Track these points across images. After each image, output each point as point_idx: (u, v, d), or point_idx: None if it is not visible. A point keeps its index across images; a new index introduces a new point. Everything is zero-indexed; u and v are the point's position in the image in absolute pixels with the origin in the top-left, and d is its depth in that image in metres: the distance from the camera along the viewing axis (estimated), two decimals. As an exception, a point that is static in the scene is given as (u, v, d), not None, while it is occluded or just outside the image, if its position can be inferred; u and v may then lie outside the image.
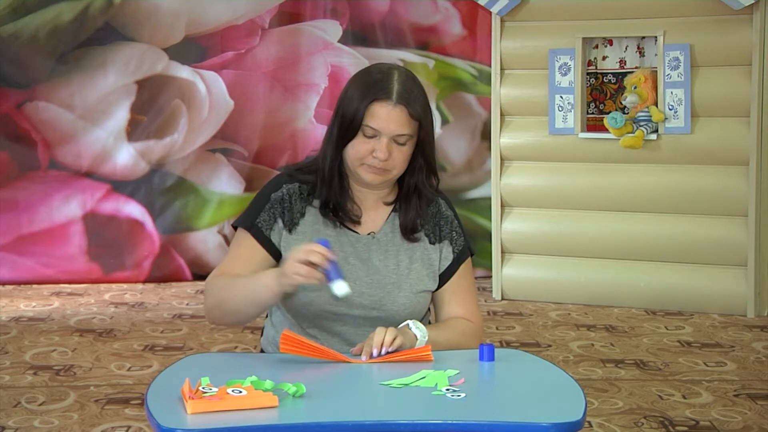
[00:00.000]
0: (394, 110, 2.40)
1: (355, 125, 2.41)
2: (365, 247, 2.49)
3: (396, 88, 2.41)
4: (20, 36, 6.21)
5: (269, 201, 2.49)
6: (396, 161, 2.43)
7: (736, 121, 5.39)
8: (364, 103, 2.40)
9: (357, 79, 2.47)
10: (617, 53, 5.70)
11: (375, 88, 2.41)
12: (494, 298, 5.90)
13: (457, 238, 2.57)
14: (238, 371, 2.10)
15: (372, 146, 2.41)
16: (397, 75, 2.44)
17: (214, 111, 6.36)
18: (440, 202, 2.57)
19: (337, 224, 2.49)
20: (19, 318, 5.47)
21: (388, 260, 2.49)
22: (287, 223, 2.48)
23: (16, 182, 6.29)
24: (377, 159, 2.41)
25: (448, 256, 2.55)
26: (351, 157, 2.44)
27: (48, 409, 3.94)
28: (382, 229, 2.52)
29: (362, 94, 2.41)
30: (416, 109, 2.42)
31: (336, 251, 2.38)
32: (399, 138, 2.41)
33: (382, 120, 2.40)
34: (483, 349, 2.27)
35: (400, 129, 2.40)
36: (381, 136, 2.40)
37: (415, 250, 2.52)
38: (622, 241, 5.65)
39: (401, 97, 2.40)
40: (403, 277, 2.49)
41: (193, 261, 6.44)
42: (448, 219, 2.57)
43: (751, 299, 5.40)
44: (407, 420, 1.92)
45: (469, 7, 6.34)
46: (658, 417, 3.82)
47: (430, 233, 2.55)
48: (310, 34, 6.42)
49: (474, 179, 6.50)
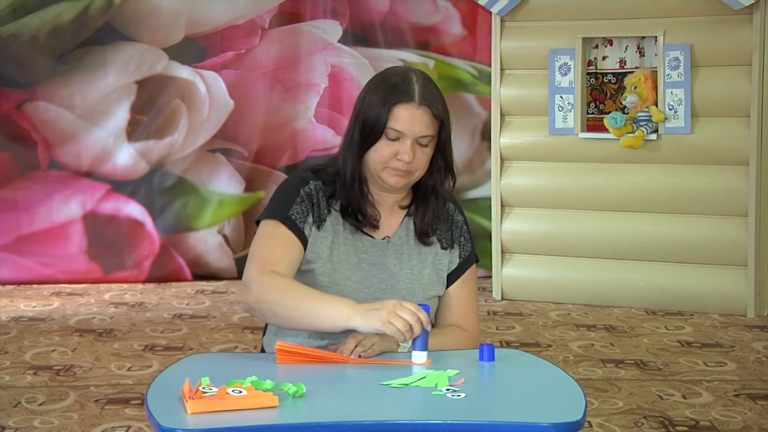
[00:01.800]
0: (418, 111, 2.40)
1: (379, 129, 2.41)
2: (381, 252, 2.49)
3: (417, 89, 2.41)
4: (20, 36, 6.21)
5: (299, 195, 2.47)
6: (419, 163, 2.44)
7: (736, 121, 5.39)
8: (387, 106, 2.40)
9: (375, 84, 2.47)
10: (617, 53, 5.70)
11: (396, 91, 2.41)
12: (494, 298, 5.90)
13: (465, 244, 2.59)
14: (238, 371, 2.10)
15: (395, 149, 2.41)
16: (416, 77, 2.44)
17: (214, 111, 6.36)
18: (451, 207, 2.59)
19: (356, 229, 2.49)
20: (19, 318, 5.47)
21: (403, 264, 2.50)
22: (316, 220, 2.46)
23: (16, 182, 6.29)
24: (402, 161, 2.40)
25: (454, 260, 2.57)
26: (374, 161, 2.44)
27: (48, 409, 3.94)
28: (397, 233, 2.53)
29: (383, 97, 2.41)
30: (438, 109, 2.42)
31: (351, 255, 2.40)
32: (422, 139, 2.42)
33: (406, 122, 2.39)
34: (483, 349, 2.27)
35: (424, 130, 2.41)
36: (405, 138, 2.40)
37: (426, 255, 2.53)
38: (622, 241, 5.65)
39: (423, 98, 2.41)
40: (416, 282, 2.50)
41: (193, 261, 6.44)
42: (458, 224, 2.59)
43: (751, 299, 5.40)
44: (407, 420, 1.92)
45: (469, 7, 6.34)
46: (658, 417, 3.82)
47: (442, 238, 2.56)
48: (310, 34, 6.42)
49: (474, 179, 6.50)
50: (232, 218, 6.45)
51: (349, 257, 2.46)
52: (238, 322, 5.38)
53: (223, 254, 6.46)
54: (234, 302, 5.83)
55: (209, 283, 6.37)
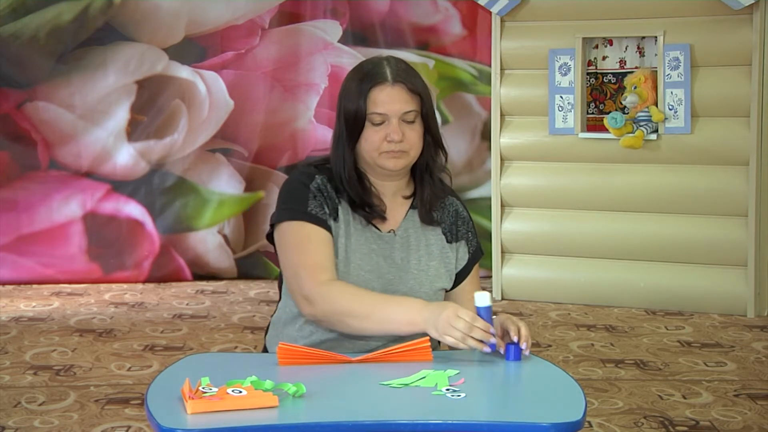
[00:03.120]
0: (394, 90, 2.45)
1: (360, 117, 2.44)
2: (387, 245, 2.51)
3: (389, 70, 2.47)
4: (20, 36, 6.21)
5: (310, 191, 2.47)
6: (411, 140, 2.46)
7: (736, 121, 5.39)
8: (363, 93, 2.44)
9: (350, 76, 2.52)
10: (617, 53, 5.70)
11: (370, 76, 2.46)
12: (494, 298, 5.90)
13: (472, 239, 2.62)
14: (238, 371, 2.10)
15: (384, 132, 2.44)
16: (387, 61, 2.51)
17: (214, 111, 6.36)
18: (457, 203, 2.61)
19: (366, 221, 2.50)
20: (19, 318, 5.47)
21: (410, 256, 2.52)
22: (332, 212, 2.48)
23: (16, 182, 6.29)
24: (393, 142, 2.43)
25: (464, 256, 2.59)
26: (367, 150, 2.46)
27: (48, 409, 3.94)
28: (402, 225, 2.54)
29: (359, 86, 2.46)
30: (414, 84, 2.47)
31: (362, 245, 2.44)
32: (406, 116, 2.45)
33: (385, 103, 2.44)
34: (510, 349, 2.27)
35: (405, 106, 2.44)
36: (389, 119, 2.44)
37: (433, 247, 2.55)
38: (622, 241, 5.65)
39: (397, 76, 2.46)
40: (423, 273, 2.51)
41: (193, 261, 6.44)
42: (465, 220, 2.61)
43: (751, 299, 5.40)
44: (407, 420, 1.91)
45: (469, 7, 6.34)
46: (658, 417, 3.82)
47: (447, 232, 2.58)
48: (310, 34, 6.42)
49: (474, 179, 6.50)
50: (232, 218, 6.45)
51: (361, 247, 2.48)
52: (238, 322, 5.38)
53: (223, 254, 6.46)
54: (234, 302, 5.83)
55: (209, 283, 6.37)
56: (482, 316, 2.26)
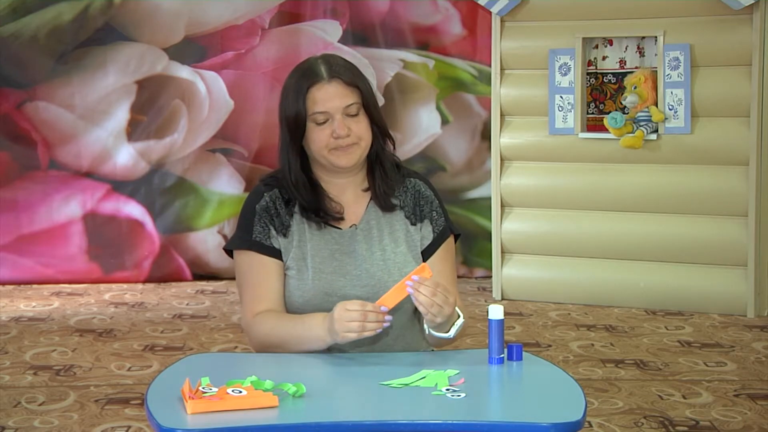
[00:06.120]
0: (330, 86, 2.47)
1: (301, 119, 2.47)
2: (349, 241, 2.51)
3: (324, 67, 2.49)
4: (20, 36, 6.21)
5: (256, 213, 2.53)
6: (359, 131, 2.48)
7: (736, 121, 5.39)
8: (301, 95, 2.47)
9: (287, 81, 2.55)
10: (617, 53, 5.70)
11: (304, 78, 2.49)
12: (494, 298, 5.90)
13: (438, 218, 2.58)
14: (238, 371, 2.11)
15: (329, 129, 2.47)
16: (319, 59, 2.53)
17: (214, 111, 6.36)
18: (419, 183, 2.59)
19: (321, 224, 2.51)
20: (19, 318, 5.47)
21: (374, 248, 2.51)
22: (279, 229, 2.51)
23: (16, 182, 6.29)
24: (340, 137, 2.45)
25: (428, 236, 2.56)
26: (316, 150, 2.49)
27: (48, 409, 3.94)
28: (364, 218, 2.54)
29: (296, 89, 2.49)
30: (349, 77, 2.48)
31: (321, 248, 2.46)
32: (349, 109, 2.47)
33: (325, 101, 2.46)
34: (512, 349, 2.27)
35: (345, 100, 2.47)
36: (332, 115, 2.46)
37: (398, 233, 2.53)
38: (622, 241, 5.65)
39: (331, 72, 2.48)
40: (390, 262, 2.50)
41: (193, 261, 6.44)
42: (428, 199, 2.58)
43: (751, 299, 5.40)
44: (407, 420, 1.92)
45: (469, 7, 6.34)
46: (658, 417, 3.82)
47: (410, 214, 2.56)
48: (310, 34, 6.42)
49: (474, 179, 6.50)
50: (232, 218, 6.45)
51: (321, 250, 2.49)
52: (238, 322, 5.38)
53: (223, 254, 6.43)
54: (234, 302, 5.83)
55: (209, 283, 6.37)
56: (493, 329, 2.25)
